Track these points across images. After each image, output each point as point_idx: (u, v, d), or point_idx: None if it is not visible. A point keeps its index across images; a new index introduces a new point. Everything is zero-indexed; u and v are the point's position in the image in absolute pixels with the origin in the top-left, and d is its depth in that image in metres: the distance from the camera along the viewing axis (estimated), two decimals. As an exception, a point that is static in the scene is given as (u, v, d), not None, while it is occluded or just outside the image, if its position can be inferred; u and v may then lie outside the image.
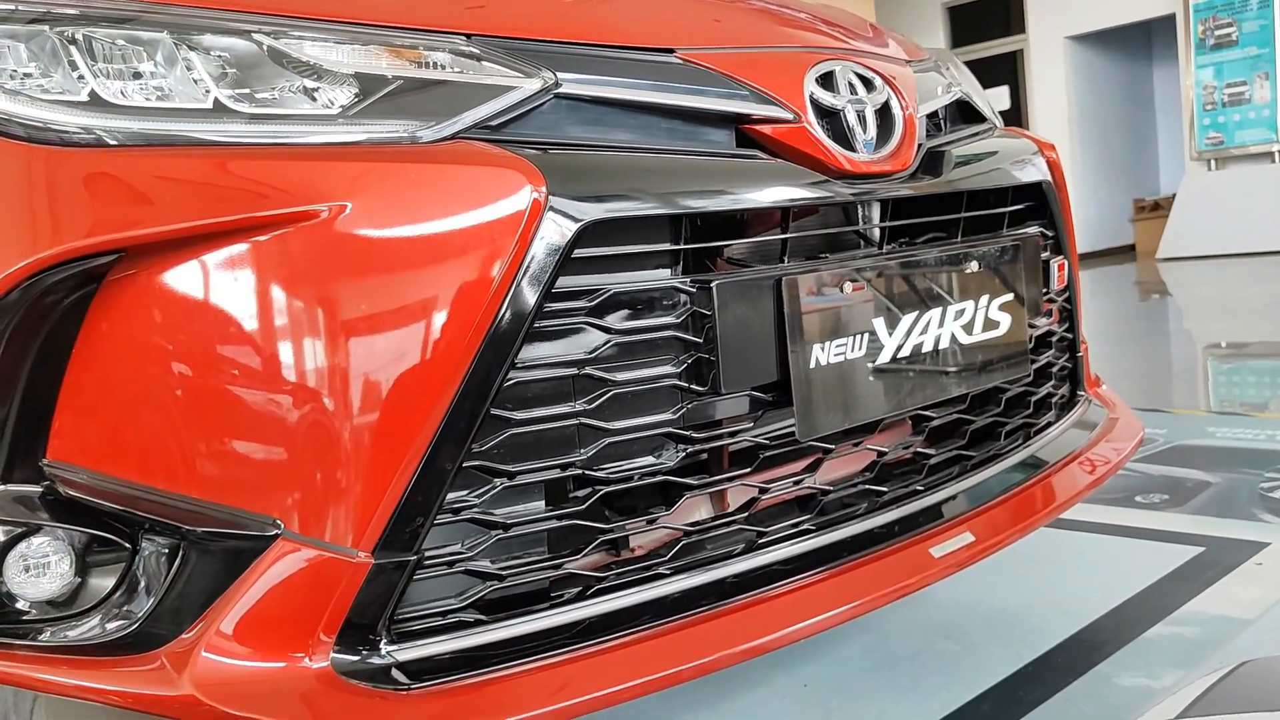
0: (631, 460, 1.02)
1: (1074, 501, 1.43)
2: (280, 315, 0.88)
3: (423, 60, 1.01)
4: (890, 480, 1.25)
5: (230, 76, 0.94)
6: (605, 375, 0.98)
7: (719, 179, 1.07)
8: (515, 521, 0.96)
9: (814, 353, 1.09)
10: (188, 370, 0.88)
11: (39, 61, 0.91)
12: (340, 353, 0.88)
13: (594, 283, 0.99)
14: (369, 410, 0.89)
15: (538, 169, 0.94)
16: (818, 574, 1.11)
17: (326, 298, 0.88)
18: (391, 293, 0.89)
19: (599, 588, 1.00)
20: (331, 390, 0.88)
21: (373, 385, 0.89)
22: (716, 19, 1.24)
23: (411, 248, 0.90)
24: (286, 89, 0.96)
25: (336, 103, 0.96)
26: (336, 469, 0.89)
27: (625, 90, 1.07)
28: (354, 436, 0.88)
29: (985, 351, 1.28)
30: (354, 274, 0.88)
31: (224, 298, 0.87)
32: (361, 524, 0.89)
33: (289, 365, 0.88)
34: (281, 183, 0.89)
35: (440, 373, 0.90)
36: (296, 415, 0.88)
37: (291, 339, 0.88)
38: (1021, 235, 1.37)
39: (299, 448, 0.88)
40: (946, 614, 1.68)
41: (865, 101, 1.21)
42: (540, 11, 1.12)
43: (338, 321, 0.88)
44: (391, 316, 0.89)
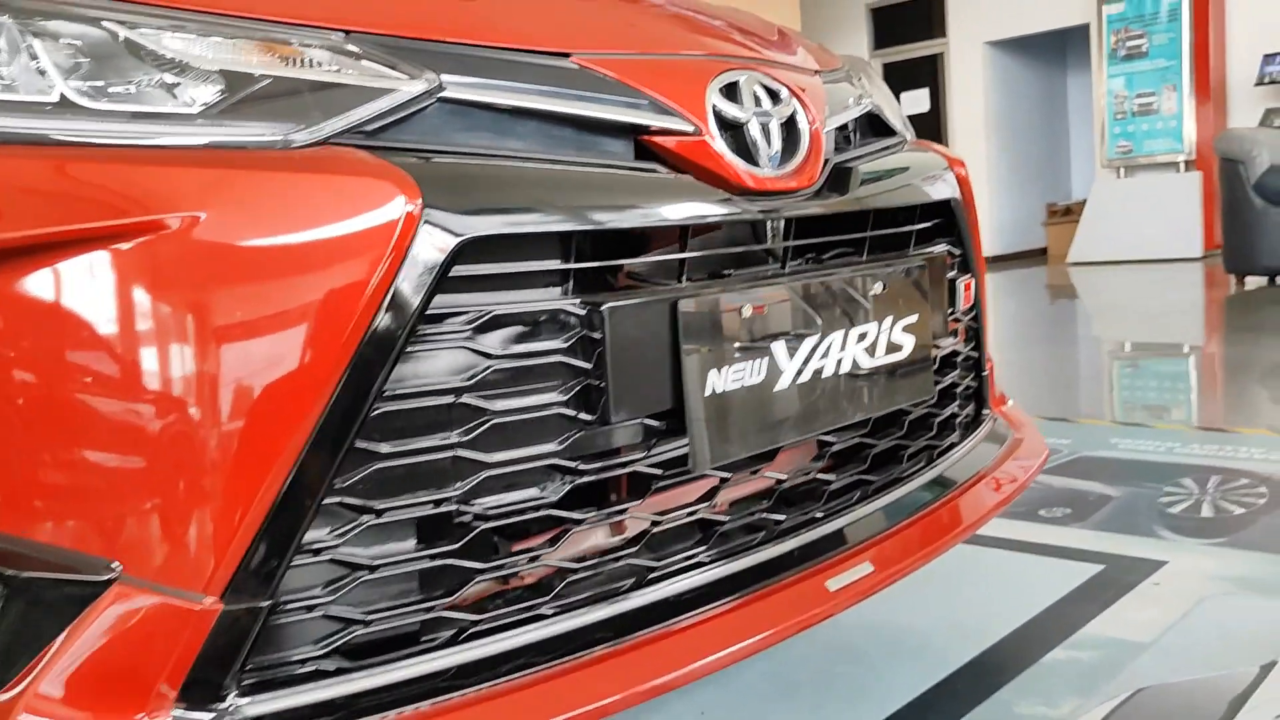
0: (513, 493, 0.96)
1: (976, 527, 1.41)
2: (119, 338, 0.79)
3: (295, 57, 0.93)
4: (789, 507, 1.21)
5: (81, 69, 0.85)
6: (484, 404, 0.92)
7: (613, 193, 1.01)
8: (382, 562, 0.89)
9: (710, 379, 1.03)
10: (14, 394, 0.79)
11: None
12: (187, 380, 0.80)
13: (474, 303, 0.92)
14: (217, 443, 0.81)
15: (412, 179, 0.87)
16: (712, 609, 1.06)
17: (171, 320, 0.80)
18: (244, 314, 0.81)
19: (475, 631, 0.94)
20: (176, 421, 0.80)
21: (219, 418, 0.81)
22: (618, 21, 1.17)
23: (269, 265, 0.82)
24: (143, 84, 0.87)
25: (198, 101, 0.88)
26: (181, 506, 0.81)
27: (515, 95, 1.00)
28: (200, 472, 0.80)
29: (888, 374, 1.25)
30: (204, 293, 0.80)
31: (53, 316, 0.78)
32: (209, 566, 0.81)
33: (130, 392, 0.79)
34: (128, 189, 0.81)
35: (297, 403, 0.82)
36: (136, 447, 0.80)
37: (132, 364, 0.79)
38: (928, 254, 1.34)
39: (139, 483, 0.80)
40: (849, 635, 1.65)
41: (771, 114, 1.16)
42: (426, 8, 1.05)
43: (184, 346, 0.80)
44: (244, 340, 0.81)
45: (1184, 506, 2.18)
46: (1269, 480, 2.32)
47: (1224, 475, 2.38)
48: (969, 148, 10.92)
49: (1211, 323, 5.40)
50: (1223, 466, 2.45)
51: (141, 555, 0.80)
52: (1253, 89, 9.16)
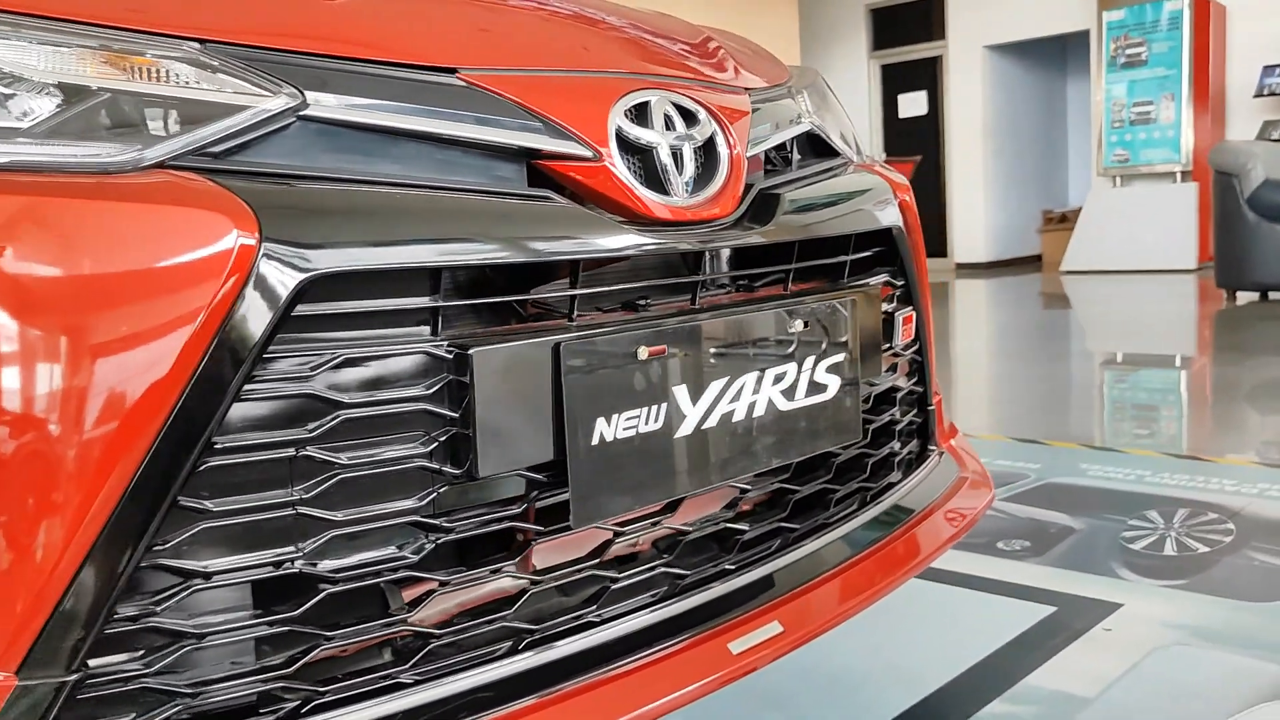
0: (366, 552, 0.87)
1: (908, 576, 1.32)
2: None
3: (142, 69, 0.84)
4: (698, 559, 1.13)
5: None
6: (330, 456, 0.83)
7: (495, 224, 0.92)
8: (210, 631, 0.81)
9: (598, 427, 0.95)
10: None
11: None
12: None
13: (322, 345, 0.83)
14: (13, 500, 0.72)
15: (251, 209, 0.78)
16: (599, 674, 0.98)
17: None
18: (54, 359, 0.73)
19: (320, 703, 0.85)
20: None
21: (20, 470, 0.72)
22: (516, 33, 1.08)
23: (81, 305, 0.73)
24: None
25: (29, 116, 0.79)
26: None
27: (390, 115, 0.91)
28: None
29: (809, 417, 1.16)
30: (5, 336, 0.72)
31: None
32: (2, 637, 0.73)
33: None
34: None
35: (110, 458, 0.74)
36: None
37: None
38: (860, 287, 1.25)
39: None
40: (780, 679, 1.57)
41: (685, 138, 1.08)
42: (295, 17, 0.96)
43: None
44: (52, 389, 0.73)
45: (1147, 542, 2.10)
46: (1237, 515, 2.24)
47: (1192, 508, 2.30)
48: (966, 152, 10.84)
49: (1198, 339, 5.32)
50: (1191, 499, 2.37)
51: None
52: (1252, 100, 9.08)
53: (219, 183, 0.80)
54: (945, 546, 1.40)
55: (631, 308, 1.09)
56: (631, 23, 1.25)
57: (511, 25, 1.11)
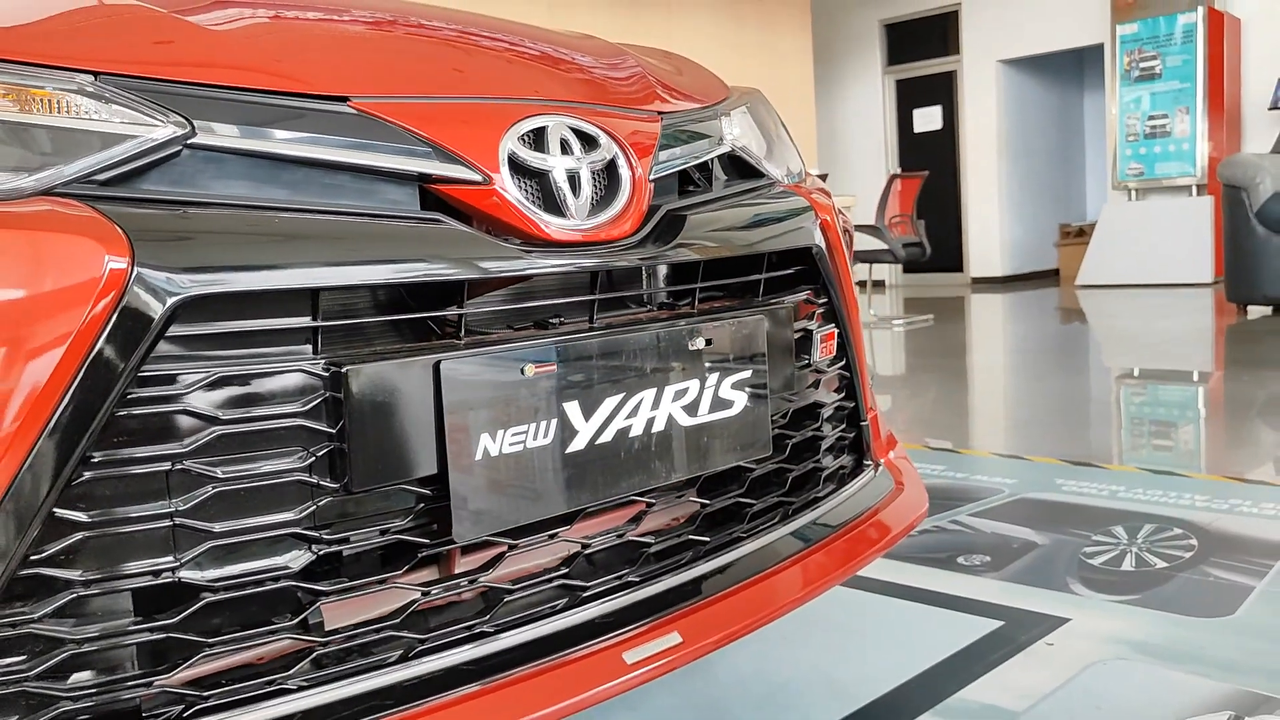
0: (248, 562, 0.91)
1: (826, 586, 1.34)
2: None
3: (33, 100, 0.89)
4: (601, 573, 1.16)
5: None
6: (206, 470, 0.87)
7: (377, 246, 0.96)
8: (87, 637, 0.85)
9: (481, 443, 0.98)
10: None
11: None
12: None
13: (199, 364, 0.87)
14: (-108, 512, 0.77)
15: (124, 235, 0.82)
16: (489, 682, 1.01)
17: None
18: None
19: (201, 707, 0.89)
20: None
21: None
22: (410, 62, 1.12)
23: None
24: None
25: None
26: None
27: (280, 143, 0.95)
28: (-128, 542, 0.76)
29: (712, 432, 1.19)
30: (-119, 354, 0.76)
31: None
32: (-121, 641, 0.77)
33: None
34: None
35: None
36: None
37: None
38: (769, 306, 1.28)
39: None
40: (718, 691, 1.59)
41: (581, 161, 1.11)
42: (192, 49, 1.00)
43: None
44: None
45: (1107, 558, 2.10)
46: (1203, 531, 2.23)
47: (1158, 524, 2.30)
48: (982, 166, 10.82)
49: (1206, 355, 5.28)
50: (1160, 514, 2.37)
51: None
52: (1267, 113, 9.01)
53: (99, 209, 0.85)
54: (872, 557, 1.42)
55: (542, 326, 1.13)
56: (543, 48, 1.29)
57: (408, 53, 1.15)
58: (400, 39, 1.17)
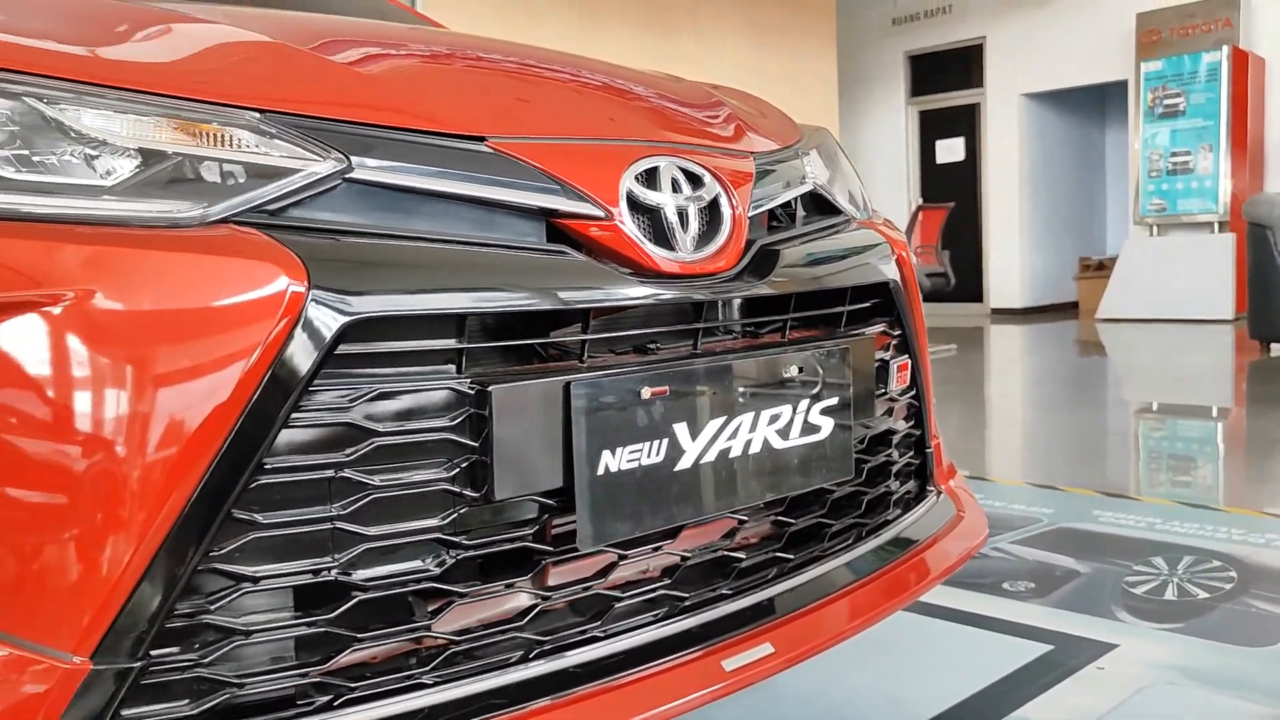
0: (394, 564, 0.99)
1: (896, 607, 1.41)
2: (6, 403, 0.83)
3: (209, 135, 0.97)
4: (698, 584, 1.23)
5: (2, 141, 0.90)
6: (365, 478, 0.95)
7: (515, 276, 1.04)
8: (257, 628, 0.92)
9: (603, 459, 1.06)
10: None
11: None
12: (68, 445, 0.84)
13: (361, 380, 0.95)
14: (95, 507, 0.84)
15: (300, 261, 0.91)
16: (600, 684, 1.08)
17: (58, 388, 0.84)
18: (129, 387, 0.85)
19: (350, 698, 0.96)
20: (54, 483, 0.84)
21: (100, 481, 0.84)
22: (540, 104, 1.21)
23: (155, 342, 0.86)
24: (61, 158, 0.92)
25: (113, 175, 0.92)
26: (54, 569, 0.84)
27: (425, 179, 1.04)
28: (77, 534, 0.84)
29: (803, 455, 1.26)
30: (90, 366, 0.84)
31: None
32: (80, 627, 0.85)
33: (8, 453, 0.83)
34: (24, 262, 0.85)
35: (176, 473, 0.86)
36: (12, 504, 0.83)
37: (16, 428, 0.83)
38: (853, 337, 1.36)
39: (10, 541, 0.84)
40: (783, 708, 1.65)
41: (689, 199, 1.19)
42: (345, 90, 1.09)
43: (67, 413, 0.84)
44: (123, 414, 0.85)
45: (1149, 587, 2.16)
46: (1241, 563, 2.29)
47: (1197, 556, 2.36)
48: (1003, 198, 10.89)
49: (1229, 391, 5.33)
50: (1198, 546, 2.43)
51: (14, 615, 0.84)
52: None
53: (273, 236, 0.93)
54: (936, 581, 1.49)
55: (642, 351, 1.20)
56: (650, 91, 1.37)
57: (536, 96, 1.23)
58: (525, 82, 1.26)
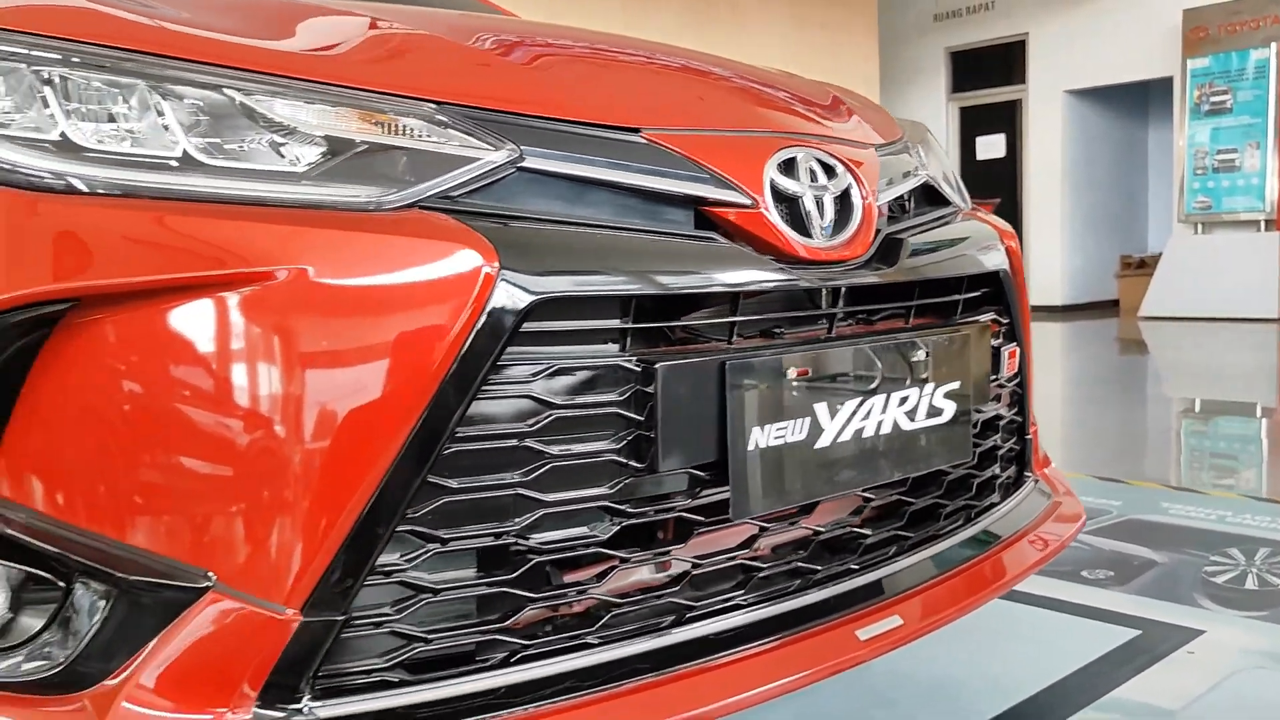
0: (565, 530, 1.05)
1: (1006, 587, 1.46)
2: (224, 376, 0.90)
3: (391, 125, 1.03)
4: (827, 557, 1.28)
5: (200, 129, 0.96)
6: (544, 448, 1.01)
7: (672, 260, 1.10)
8: (445, 586, 0.98)
9: (753, 435, 1.11)
10: (131, 421, 0.90)
11: (13, 100, 0.93)
12: (281, 416, 0.90)
13: (540, 356, 1.01)
14: (306, 473, 0.91)
15: (491, 244, 0.96)
16: (747, 649, 1.13)
17: (272, 361, 0.90)
18: (336, 359, 0.91)
19: (525, 654, 1.02)
20: (270, 451, 0.90)
21: (311, 449, 0.91)
22: (688, 98, 1.26)
23: (360, 317, 0.92)
24: (254, 145, 0.98)
25: (303, 162, 0.98)
26: (272, 527, 0.91)
27: (588, 168, 1.09)
28: (290, 497, 0.90)
29: (927, 437, 1.31)
30: (301, 340, 0.91)
31: (170, 353, 0.89)
32: (292, 582, 0.91)
33: (230, 425, 0.90)
34: (239, 243, 0.92)
35: (379, 441, 0.92)
36: (235, 473, 0.90)
37: (234, 400, 0.90)
38: (972, 324, 1.40)
39: (236, 504, 0.90)
40: (882, 682, 1.70)
41: (825, 188, 1.24)
42: (510, 83, 1.15)
43: (281, 386, 0.90)
44: (334, 383, 0.91)
45: (1228, 577, 2.19)
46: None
47: (1273, 548, 2.38)
48: (1044, 195, 10.85)
49: (1271, 388, 5.32)
50: (1272, 539, 2.45)
51: (234, 568, 0.90)
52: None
53: (462, 221, 0.99)
54: (1041, 563, 1.53)
55: (769, 335, 1.25)
56: (777, 86, 1.43)
57: (679, 89, 1.29)
58: (666, 76, 1.32)
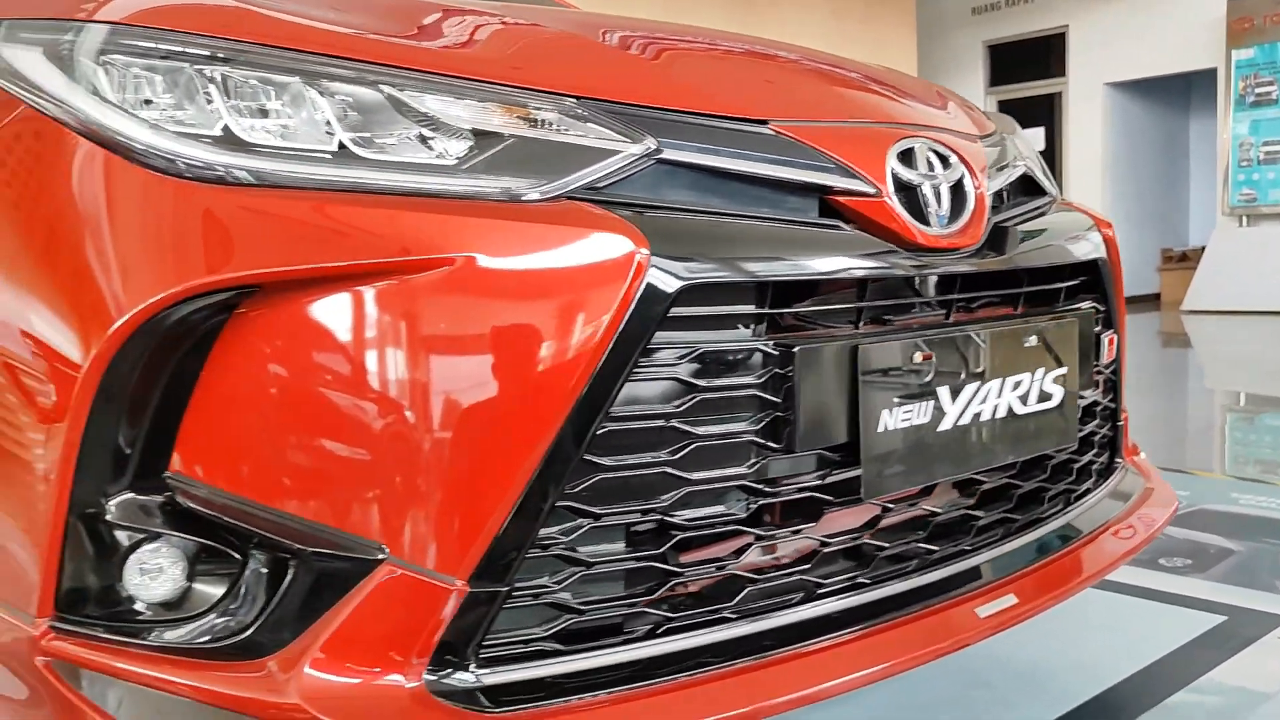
0: (705, 508, 1.09)
1: (1112, 568, 1.48)
2: (395, 357, 0.94)
3: (536, 119, 1.07)
4: (940, 539, 1.31)
5: (356, 124, 1.00)
6: (689, 428, 1.04)
7: (805, 247, 1.13)
8: (599, 560, 1.03)
9: (883, 417, 1.15)
10: (307, 401, 0.94)
11: (175, 96, 0.98)
12: (450, 395, 0.95)
13: (685, 340, 1.05)
14: (475, 450, 0.95)
15: (642, 232, 1.00)
16: (871, 626, 1.17)
17: (441, 344, 0.95)
18: (504, 342, 0.96)
19: (669, 627, 1.06)
20: (441, 428, 0.94)
21: (479, 427, 0.95)
22: (810, 91, 1.30)
23: (523, 302, 0.97)
24: (406, 139, 1.02)
25: (452, 154, 1.03)
26: (441, 502, 0.95)
27: (721, 159, 1.13)
28: (459, 473, 0.95)
29: (1037, 421, 1.34)
30: (470, 324, 0.95)
31: (343, 337, 0.94)
32: (461, 554, 0.95)
33: (402, 404, 0.94)
34: (410, 232, 0.96)
35: (542, 419, 0.96)
36: (406, 450, 0.94)
37: (405, 380, 0.94)
38: (1078, 311, 1.43)
39: (407, 480, 0.95)
40: (976, 665, 1.73)
41: (941, 178, 1.28)
42: (644, 77, 1.19)
43: (449, 367, 0.95)
44: (499, 365, 0.95)
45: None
46: (1397, 544, 2.32)
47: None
48: (1084, 189, 10.78)
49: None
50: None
51: (406, 541, 0.95)
52: (1389, 141, 8.88)
53: (610, 210, 1.03)
54: (1141, 546, 1.55)
55: (887, 320, 1.28)
56: (886, 80, 1.46)
57: (802, 83, 1.32)
58: (788, 70, 1.35)
